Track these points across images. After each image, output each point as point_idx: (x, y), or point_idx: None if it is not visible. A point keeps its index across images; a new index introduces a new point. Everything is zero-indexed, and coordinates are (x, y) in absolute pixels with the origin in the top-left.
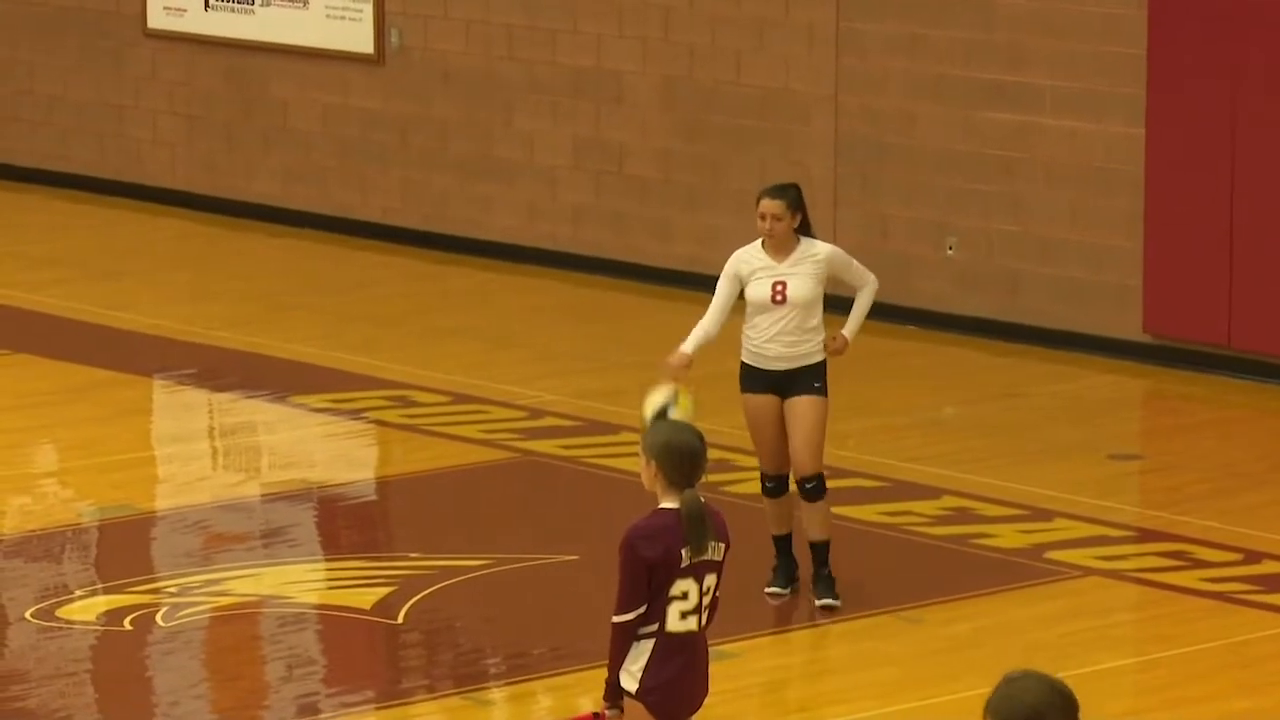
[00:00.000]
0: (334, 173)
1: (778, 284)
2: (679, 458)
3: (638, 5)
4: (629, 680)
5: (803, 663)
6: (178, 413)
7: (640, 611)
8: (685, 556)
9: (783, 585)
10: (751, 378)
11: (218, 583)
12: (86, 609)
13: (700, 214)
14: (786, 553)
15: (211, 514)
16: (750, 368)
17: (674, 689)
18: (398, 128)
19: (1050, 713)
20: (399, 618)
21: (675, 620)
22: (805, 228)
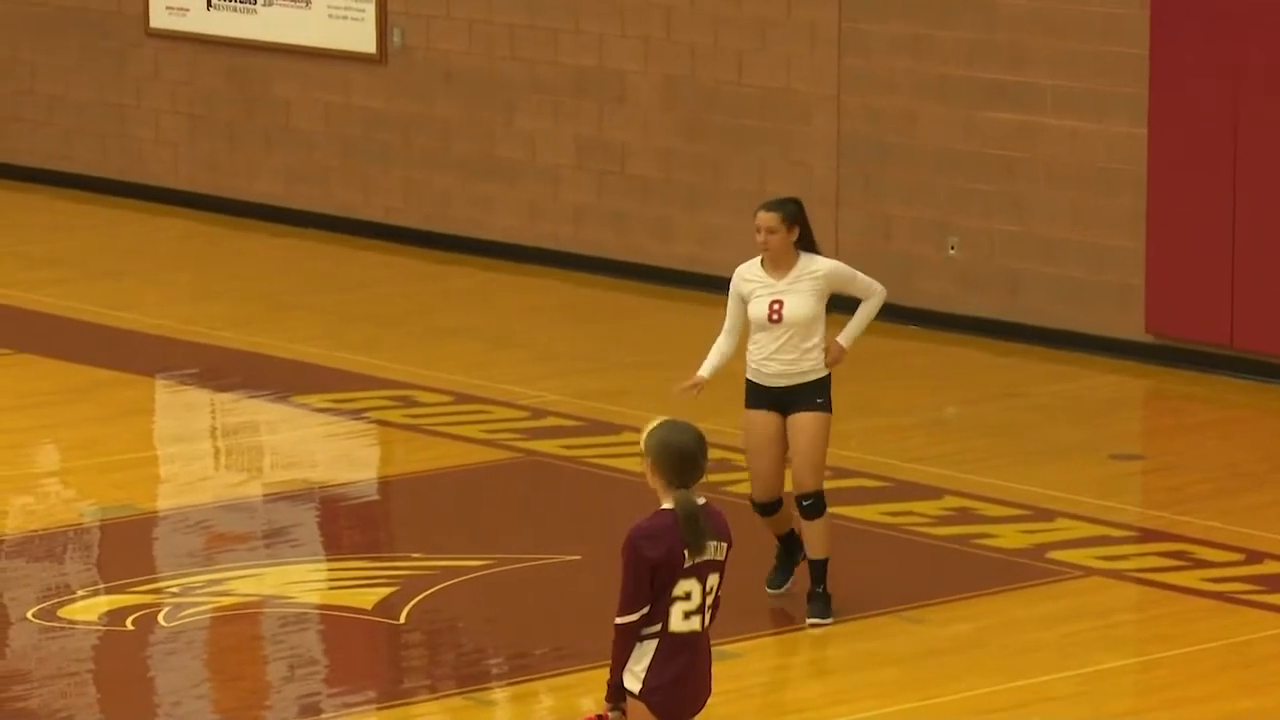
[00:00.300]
0: (336, 172)
1: (775, 303)
2: (676, 458)
3: (640, 5)
4: (632, 680)
5: (804, 663)
6: (180, 413)
7: (643, 612)
8: (688, 556)
9: (778, 584)
10: (754, 394)
11: (220, 583)
12: (88, 609)
13: (702, 214)
14: (788, 546)
15: (213, 514)
16: (752, 384)
17: (677, 689)
18: (400, 127)
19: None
20: (401, 618)
21: (678, 620)
22: (808, 243)
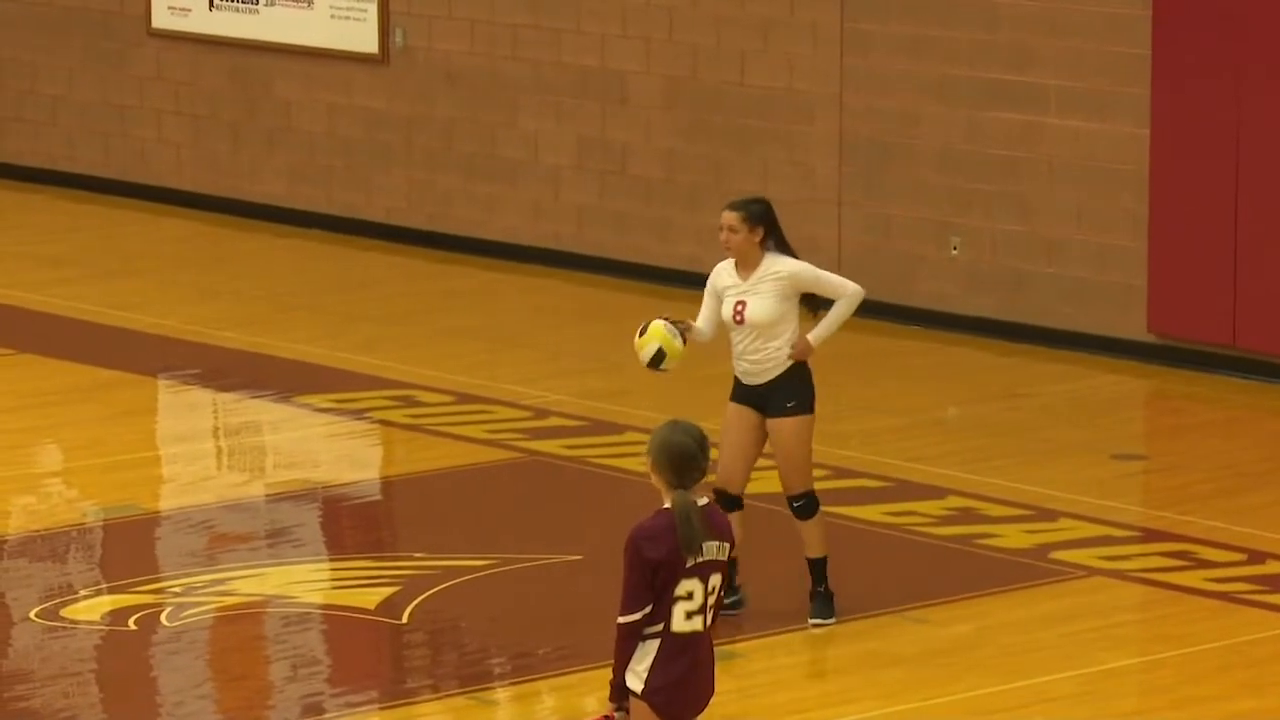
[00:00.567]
0: (338, 173)
1: (739, 304)
2: (676, 459)
3: (642, 5)
4: (634, 680)
5: (807, 662)
6: (182, 412)
7: (645, 612)
8: (689, 557)
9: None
10: (734, 387)
11: (222, 583)
12: (91, 609)
13: (703, 214)
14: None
15: (216, 514)
16: (735, 379)
17: (679, 689)
18: (402, 128)
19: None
20: (403, 618)
21: (680, 620)
22: (780, 244)
